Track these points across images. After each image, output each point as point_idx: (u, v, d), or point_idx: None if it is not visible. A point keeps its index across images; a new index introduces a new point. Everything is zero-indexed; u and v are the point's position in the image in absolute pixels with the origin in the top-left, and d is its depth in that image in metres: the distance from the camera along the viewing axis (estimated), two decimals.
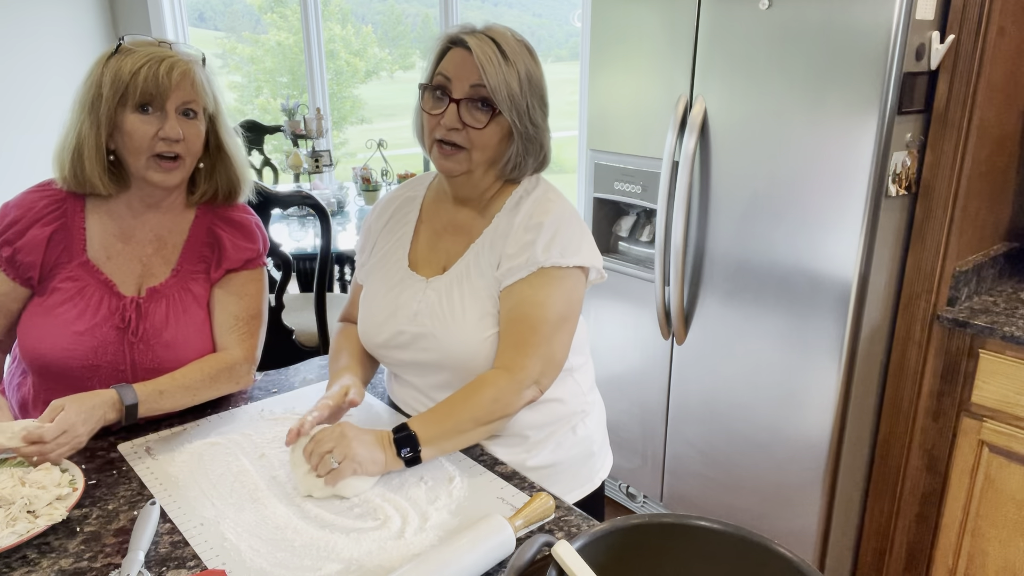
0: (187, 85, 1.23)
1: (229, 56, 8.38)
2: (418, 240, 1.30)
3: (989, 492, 1.75)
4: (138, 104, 1.20)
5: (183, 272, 1.33)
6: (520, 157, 1.19)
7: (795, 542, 1.98)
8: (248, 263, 1.38)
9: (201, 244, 1.35)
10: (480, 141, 1.15)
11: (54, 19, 4.04)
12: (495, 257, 1.20)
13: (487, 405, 1.13)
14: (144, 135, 1.21)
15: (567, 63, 7.27)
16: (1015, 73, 1.76)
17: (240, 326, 1.36)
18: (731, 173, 1.96)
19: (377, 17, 8.99)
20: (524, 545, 0.80)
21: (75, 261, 1.27)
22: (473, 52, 1.12)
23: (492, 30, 1.15)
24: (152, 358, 1.28)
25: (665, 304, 2.15)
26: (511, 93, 1.13)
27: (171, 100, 1.21)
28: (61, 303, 1.25)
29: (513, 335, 1.16)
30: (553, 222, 1.18)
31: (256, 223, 1.42)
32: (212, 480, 1.10)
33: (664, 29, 2.05)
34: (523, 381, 1.14)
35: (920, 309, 1.80)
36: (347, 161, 7.16)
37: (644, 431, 2.35)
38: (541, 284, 1.16)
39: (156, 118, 1.21)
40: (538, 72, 1.18)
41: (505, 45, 1.13)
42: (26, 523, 0.95)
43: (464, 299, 1.19)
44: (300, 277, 3.27)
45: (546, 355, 1.16)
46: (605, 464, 1.40)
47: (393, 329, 1.24)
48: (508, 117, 1.14)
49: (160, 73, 1.19)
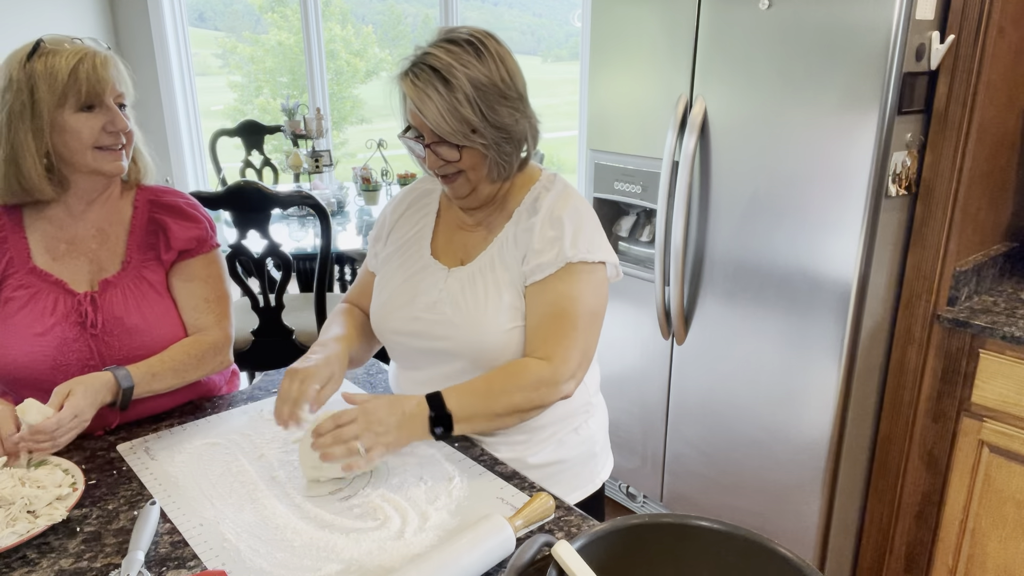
0: (118, 77, 1.24)
1: (229, 56, 8.38)
2: (438, 231, 1.32)
3: (989, 492, 1.75)
4: (82, 103, 1.20)
5: (134, 262, 1.33)
6: (502, 161, 1.19)
7: (795, 542, 1.98)
8: (200, 244, 1.37)
9: (145, 233, 1.35)
10: (466, 165, 1.17)
11: (54, 20, 4.04)
12: (520, 252, 1.21)
13: (528, 392, 1.14)
14: (91, 130, 1.21)
15: (567, 63, 7.26)
16: (1015, 73, 1.76)
17: (213, 307, 1.37)
18: (731, 173, 1.96)
19: (377, 17, 8.99)
20: (524, 545, 0.80)
21: (22, 270, 1.27)
22: (414, 103, 1.12)
23: (431, 53, 1.12)
24: (118, 348, 1.28)
25: (665, 304, 2.15)
26: (461, 121, 1.11)
27: (108, 93, 1.22)
28: (17, 311, 1.25)
29: (551, 328, 1.17)
30: (575, 217, 1.20)
31: (193, 204, 1.41)
32: (211, 480, 1.10)
33: (664, 29, 2.05)
34: (564, 373, 1.15)
35: (920, 309, 1.80)
36: (347, 161, 7.15)
37: (644, 431, 2.35)
38: (572, 280, 1.18)
39: (99, 113, 1.22)
40: (490, 69, 1.14)
41: (443, 68, 1.10)
42: (26, 523, 0.96)
43: (488, 290, 1.21)
44: (300, 277, 3.27)
45: (583, 349, 1.18)
46: (606, 466, 1.40)
47: (409, 315, 1.25)
48: (469, 143, 1.14)
49: (97, 67, 1.19)
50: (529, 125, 1.21)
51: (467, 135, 1.13)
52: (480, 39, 1.15)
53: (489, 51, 1.15)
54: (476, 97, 1.12)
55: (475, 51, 1.13)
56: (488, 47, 1.15)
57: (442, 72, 1.10)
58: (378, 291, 1.33)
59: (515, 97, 1.17)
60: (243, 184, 2.24)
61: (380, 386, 1.44)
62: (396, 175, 3.60)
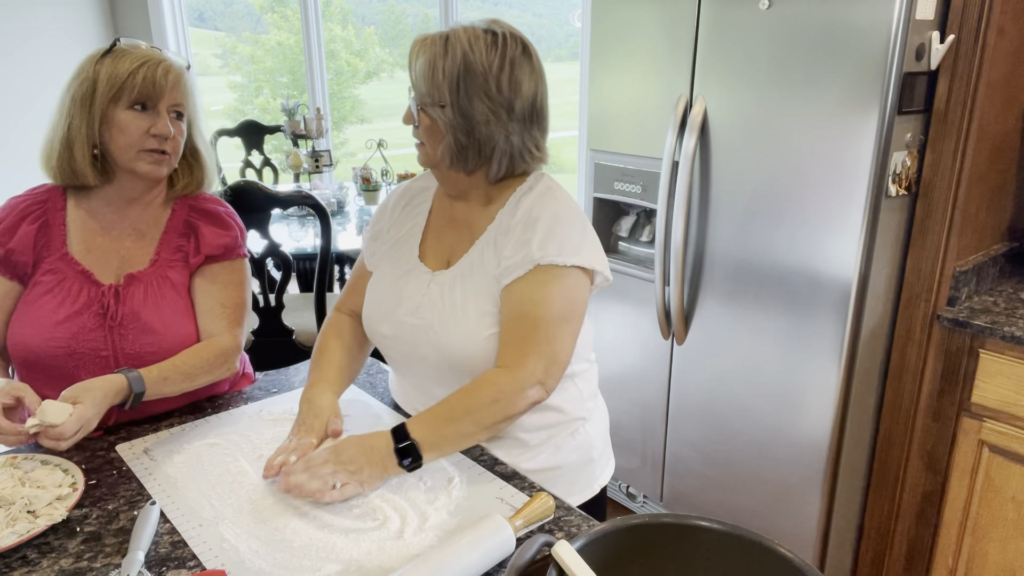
0: (178, 88, 1.29)
1: (229, 56, 8.39)
2: (429, 231, 1.30)
3: (989, 492, 1.75)
4: (133, 101, 1.25)
5: (161, 260, 1.36)
6: (456, 150, 1.16)
7: (795, 542, 1.98)
8: (228, 251, 1.40)
9: (178, 235, 1.38)
10: (423, 135, 1.18)
11: (54, 20, 4.04)
12: (497, 256, 1.19)
13: (488, 406, 1.11)
14: (137, 129, 1.26)
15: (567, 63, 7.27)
16: (1015, 73, 1.76)
17: (227, 313, 1.38)
18: (731, 173, 1.96)
19: (377, 17, 8.99)
20: (524, 545, 0.80)
21: (55, 255, 1.31)
22: (411, 50, 1.16)
23: (459, 30, 1.14)
24: (133, 342, 1.30)
25: (665, 304, 2.15)
26: (433, 86, 1.13)
27: (164, 101, 1.28)
28: (42, 295, 1.29)
29: (513, 333, 1.14)
30: (550, 218, 1.16)
31: (230, 213, 1.45)
32: (211, 481, 1.10)
33: (664, 29, 2.05)
34: (525, 380, 1.11)
35: (920, 309, 1.80)
36: (347, 161, 7.16)
37: (644, 431, 2.35)
38: (540, 282, 1.14)
39: (149, 115, 1.27)
40: (493, 63, 1.11)
41: (453, 37, 1.12)
42: (26, 523, 0.96)
43: (466, 296, 1.19)
44: (300, 277, 3.27)
45: (548, 354, 1.13)
46: (606, 471, 1.38)
47: (395, 320, 1.24)
48: (430, 112, 1.15)
49: (157, 75, 1.26)
50: (509, 143, 1.16)
51: (433, 102, 1.13)
52: (506, 36, 1.14)
53: (505, 49, 1.13)
54: (459, 75, 1.11)
55: (493, 41, 1.13)
56: (508, 46, 1.13)
57: (449, 40, 1.12)
58: (370, 292, 1.32)
59: (500, 104, 1.13)
60: (243, 184, 2.24)
61: (380, 385, 1.44)
62: (396, 175, 3.60)
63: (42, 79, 3.90)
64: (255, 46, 8.30)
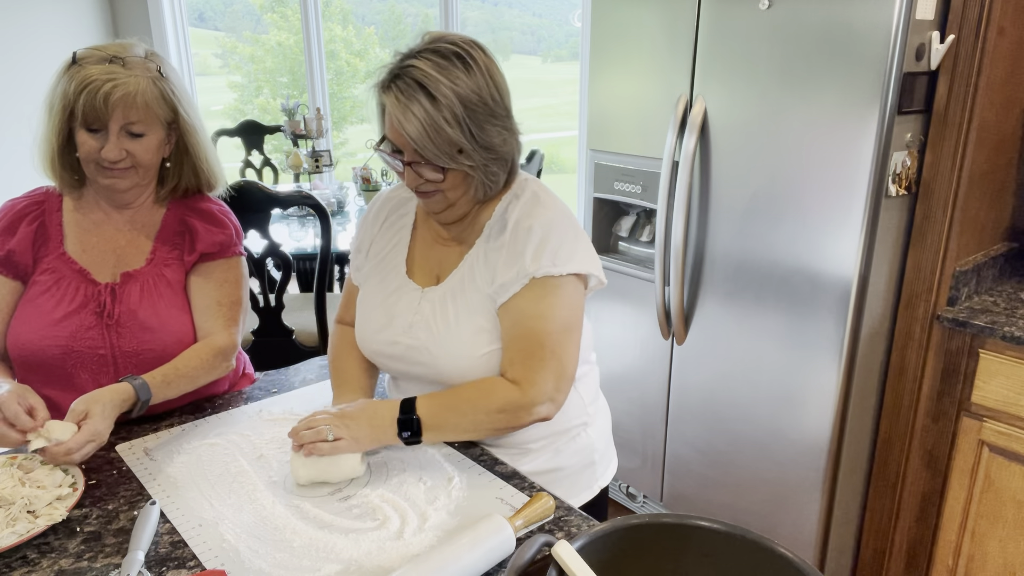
0: (128, 108, 1.23)
1: (229, 56, 8.39)
2: (414, 245, 1.28)
3: (989, 492, 1.75)
4: (82, 123, 1.24)
5: (157, 259, 1.36)
6: (488, 181, 1.14)
7: (795, 542, 1.98)
8: (223, 249, 1.40)
9: (173, 233, 1.38)
10: (448, 186, 1.12)
11: (54, 20, 4.04)
12: (489, 272, 1.16)
13: (493, 414, 1.11)
14: (90, 149, 1.25)
15: (567, 63, 7.26)
16: (1015, 73, 1.76)
17: (223, 311, 1.38)
18: (731, 173, 1.96)
19: (377, 17, 8.99)
20: (524, 545, 0.80)
21: (53, 254, 1.32)
22: (395, 118, 1.05)
23: (416, 66, 1.05)
24: (130, 340, 1.30)
25: (665, 304, 2.15)
26: (447, 141, 1.05)
27: (113, 121, 1.24)
28: (40, 294, 1.30)
29: (519, 352, 1.12)
30: (541, 227, 1.13)
31: (225, 211, 1.45)
32: (211, 481, 1.10)
33: (664, 29, 2.05)
34: (535, 398, 1.10)
35: (920, 309, 1.80)
36: (347, 161, 7.15)
37: (644, 431, 2.35)
38: (538, 296, 1.12)
39: (100, 137, 1.25)
40: (479, 85, 1.07)
41: (430, 83, 1.03)
42: (26, 523, 0.96)
43: (459, 314, 1.17)
44: (300, 277, 3.27)
45: (557, 369, 1.11)
46: (607, 472, 1.37)
47: (388, 339, 1.22)
48: (455, 165, 1.08)
49: (97, 100, 1.21)
50: (516, 141, 1.15)
51: (453, 156, 1.07)
52: (468, 51, 1.07)
53: (478, 64, 1.08)
54: (464, 116, 1.05)
55: (464, 64, 1.06)
56: (477, 60, 1.08)
57: (428, 88, 1.03)
58: (359, 309, 1.29)
59: (503, 115, 1.11)
60: (243, 184, 2.24)
61: (380, 385, 1.44)
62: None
63: (42, 80, 3.89)
64: (255, 46, 8.30)
